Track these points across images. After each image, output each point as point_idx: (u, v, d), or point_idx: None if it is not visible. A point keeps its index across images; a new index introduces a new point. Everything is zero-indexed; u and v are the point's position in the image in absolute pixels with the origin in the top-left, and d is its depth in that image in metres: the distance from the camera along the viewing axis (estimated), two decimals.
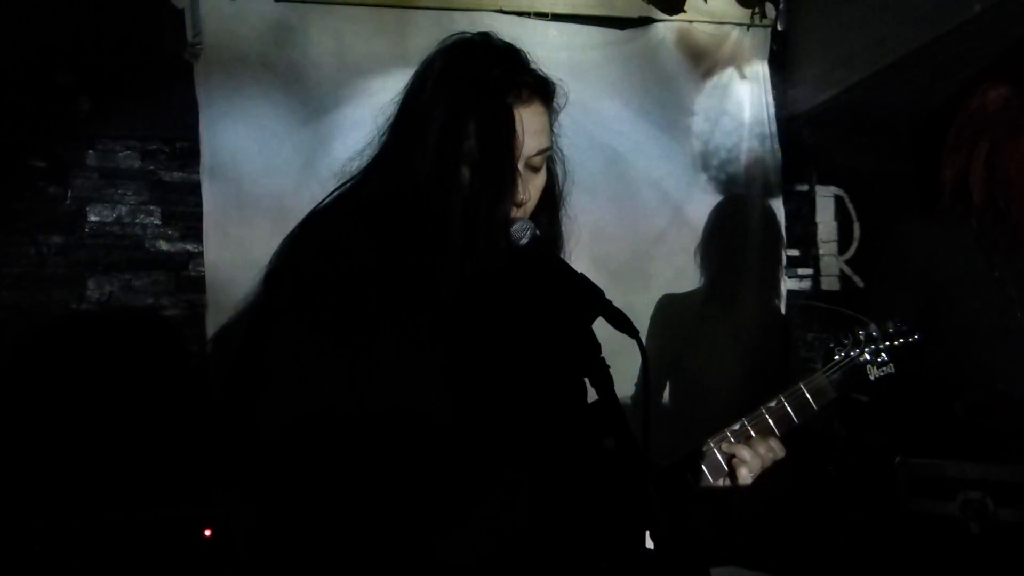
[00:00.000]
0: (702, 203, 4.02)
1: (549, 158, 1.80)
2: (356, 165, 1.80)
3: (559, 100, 1.80)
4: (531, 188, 1.73)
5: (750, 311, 3.98)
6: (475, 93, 1.66)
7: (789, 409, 1.93)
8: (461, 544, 1.59)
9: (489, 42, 1.76)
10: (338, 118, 3.48)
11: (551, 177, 1.82)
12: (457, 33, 1.79)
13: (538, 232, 1.72)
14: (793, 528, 3.37)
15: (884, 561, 2.50)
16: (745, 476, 1.85)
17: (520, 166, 1.69)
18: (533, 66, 1.77)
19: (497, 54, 1.73)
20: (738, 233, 4.02)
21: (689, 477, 1.86)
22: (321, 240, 1.70)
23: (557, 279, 1.64)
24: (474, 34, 1.78)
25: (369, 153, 1.79)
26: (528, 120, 1.69)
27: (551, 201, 1.83)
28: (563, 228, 1.88)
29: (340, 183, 1.79)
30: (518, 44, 1.84)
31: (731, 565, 2.89)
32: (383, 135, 1.77)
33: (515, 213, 1.71)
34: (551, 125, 1.78)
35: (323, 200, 1.78)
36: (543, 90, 1.75)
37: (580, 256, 1.85)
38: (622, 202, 3.90)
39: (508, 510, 1.63)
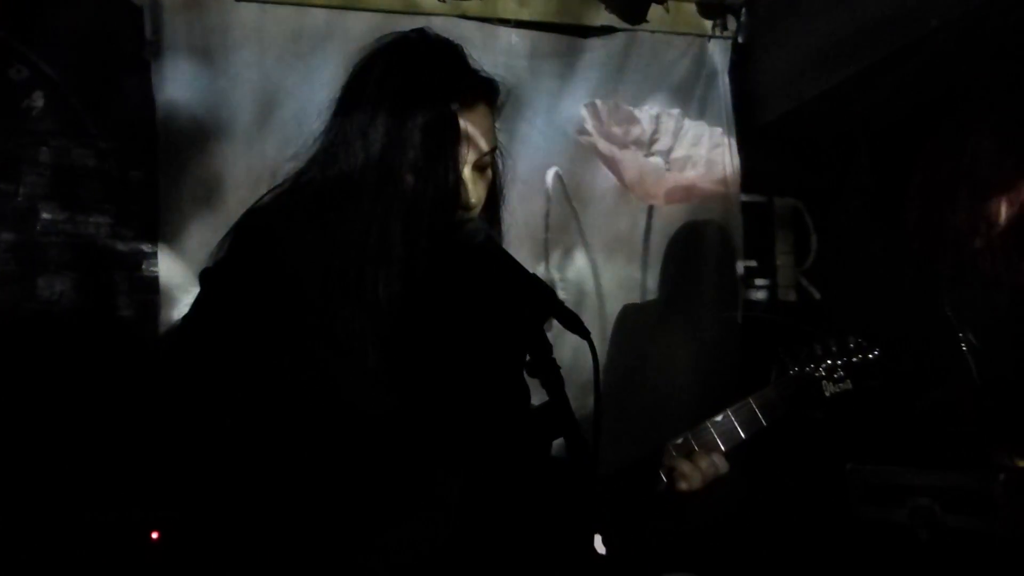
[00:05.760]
0: (662, 212, 4.03)
1: None
2: (291, 166, 1.77)
3: (501, 97, 1.79)
4: (480, 189, 1.72)
5: (707, 321, 3.99)
6: (419, 101, 1.64)
7: (736, 423, 1.92)
8: (385, 551, 1.57)
9: (427, 41, 1.75)
10: (296, 116, 3.46)
11: (494, 174, 1.80)
12: (393, 32, 1.77)
13: (492, 233, 1.71)
14: (746, 535, 3.37)
15: (834, 568, 2.52)
16: (684, 490, 1.83)
17: (467, 170, 1.68)
18: (475, 66, 1.76)
19: (437, 56, 1.72)
20: (697, 242, 4.04)
21: (633, 489, 1.84)
22: (258, 238, 1.68)
23: (509, 279, 1.63)
24: (410, 31, 1.76)
25: (304, 155, 1.76)
26: (474, 124, 1.68)
27: (492, 198, 1.81)
28: (502, 224, 1.87)
29: (274, 184, 1.77)
30: (477, 49, 1.83)
31: (684, 572, 2.89)
32: (320, 137, 1.74)
33: (467, 215, 1.70)
34: (495, 123, 1.77)
35: (260, 199, 1.75)
36: (487, 92, 1.75)
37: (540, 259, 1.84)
38: (583, 209, 3.91)
39: (438, 515, 1.61)
